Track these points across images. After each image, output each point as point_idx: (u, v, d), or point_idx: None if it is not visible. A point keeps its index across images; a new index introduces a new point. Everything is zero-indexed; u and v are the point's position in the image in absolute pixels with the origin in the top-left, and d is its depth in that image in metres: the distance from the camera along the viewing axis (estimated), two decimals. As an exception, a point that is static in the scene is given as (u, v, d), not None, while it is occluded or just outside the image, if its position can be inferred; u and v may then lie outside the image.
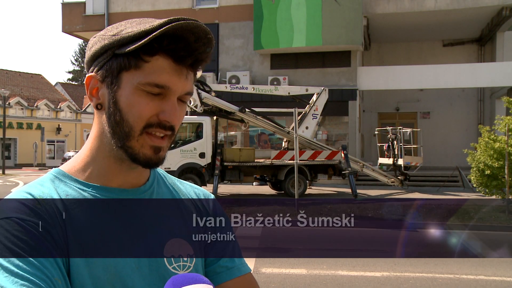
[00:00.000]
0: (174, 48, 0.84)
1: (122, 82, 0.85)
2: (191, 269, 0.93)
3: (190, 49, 0.84)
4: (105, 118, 0.88)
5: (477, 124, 20.71)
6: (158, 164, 0.89)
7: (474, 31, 22.32)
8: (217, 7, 21.19)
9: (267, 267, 6.63)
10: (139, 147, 0.86)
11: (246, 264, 1.03)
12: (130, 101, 0.85)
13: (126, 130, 0.86)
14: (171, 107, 0.86)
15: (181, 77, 0.86)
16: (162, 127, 0.86)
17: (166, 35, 0.82)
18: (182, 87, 0.87)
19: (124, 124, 0.86)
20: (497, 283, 5.95)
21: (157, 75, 0.84)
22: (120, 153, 0.88)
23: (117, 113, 0.86)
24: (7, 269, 0.74)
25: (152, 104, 0.85)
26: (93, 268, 0.82)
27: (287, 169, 14.28)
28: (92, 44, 0.90)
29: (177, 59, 0.85)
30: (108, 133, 0.88)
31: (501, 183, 11.11)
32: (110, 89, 0.86)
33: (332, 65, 20.08)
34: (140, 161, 0.87)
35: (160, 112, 0.85)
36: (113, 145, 0.88)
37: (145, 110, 0.85)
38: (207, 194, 1.06)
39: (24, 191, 0.85)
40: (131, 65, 0.84)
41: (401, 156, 16.57)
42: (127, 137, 0.86)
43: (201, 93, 13.52)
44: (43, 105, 38.85)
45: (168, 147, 0.91)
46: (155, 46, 0.83)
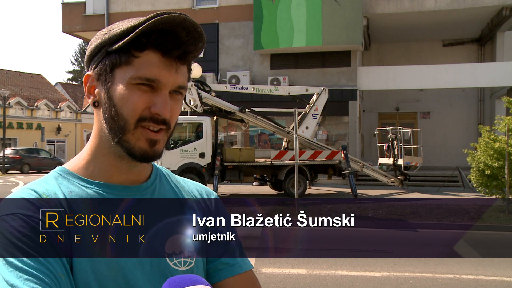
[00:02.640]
0: (162, 42, 0.86)
1: (115, 79, 0.87)
2: (192, 266, 0.94)
3: (178, 42, 0.86)
4: (102, 115, 0.90)
5: (477, 124, 20.73)
6: (154, 158, 0.90)
7: (474, 31, 22.33)
8: (217, 7, 21.19)
9: (267, 267, 6.63)
10: (135, 140, 0.88)
11: (248, 262, 1.03)
12: (123, 96, 0.87)
13: (121, 124, 0.87)
14: (162, 100, 0.87)
15: (171, 70, 0.88)
16: (154, 121, 0.88)
17: (155, 30, 0.84)
18: (173, 80, 0.88)
19: (119, 118, 0.87)
20: (497, 283, 5.95)
21: (147, 69, 0.86)
22: (118, 149, 0.90)
23: (112, 109, 0.88)
24: (12, 264, 0.75)
25: (144, 97, 0.87)
26: (96, 264, 0.83)
27: (287, 169, 14.29)
28: (89, 45, 0.92)
29: (165, 52, 0.87)
30: (106, 129, 0.90)
31: (501, 183, 11.11)
32: (105, 86, 0.89)
33: (332, 65, 20.09)
34: (136, 155, 0.89)
35: (152, 105, 0.87)
36: (110, 141, 0.89)
37: (138, 103, 0.86)
38: (210, 192, 1.07)
39: (29, 188, 0.86)
40: (122, 61, 0.86)
41: (401, 156, 16.57)
42: (123, 131, 0.87)
43: (201, 93, 13.52)
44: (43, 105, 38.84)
45: (166, 142, 0.92)
46: (143, 41, 0.85)
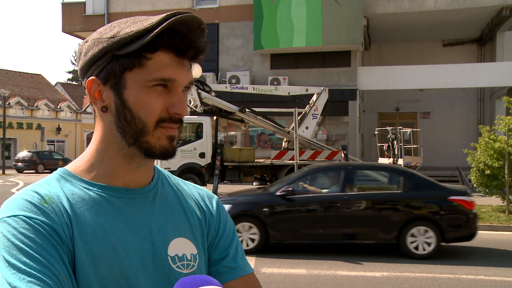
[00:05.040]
0: (174, 42, 0.86)
1: (127, 82, 0.87)
2: (195, 269, 0.94)
3: (188, 41, 0.87)
4: (113, 119, 0.89)
5: (477, 124, 20.73)
6: (173, 154, 0.91)
7: (474, 31, 22.33)
8: (217, 7, 21.20)
9: (267, 267, 6.64)
10: (156, 140, 0.88)
11: (249, 265, 1.04)
12: (139, 99, 0.87)
13: (139, 127, 0.87)
14: (179, 99, 0.88)
15: (184, 69, 0.89)
16: (173, 121, 0.89)
17: (166, 30, 0.84)
18: (186, 78, 0.89)
19: (136, 121, 0.87)
20: (497, 283, 5.95)
21: (162, 70, 0.86)
22: (132, 151, 0.90)
23: (127, 113, 0.87)
24: (15, 266, 0.75)
25: (161, 98, 0.87)
26: (99, 266, 0.83)
27: (287, 169, 14.28)
28: (87, 49, 0.90)
29: (178, 52, 0.87)
30: (118, 133, 0.89)
31: (501, 183, 11.11)
32: (116, 90, 0.88)
33: (332, 65, 20.09)
34: (157, 153, 0.89)
35: (170, 106, 0.88)
36: (124, 144, 0.89)
37: (155, 105, 0.87)
38: (211, 195, 1.08)
39: (31, 189, 0.86)
40: (134, 64, 0.86)
41: (401, 156, 16.57)
42: (142, 133, 0.88)
43: (201, 93, 13.52)
44: (43, 105, 38.83)
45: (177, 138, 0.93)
46: (156, 43, 0.85)
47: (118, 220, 0.89)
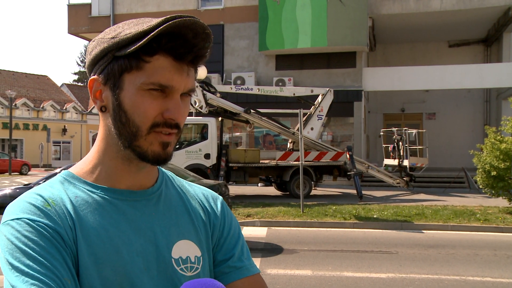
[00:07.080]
0: (173, 46, 0.84)
1: (124, 84, 0.86)
2: (198, 271, 0.93)
3: (189, 46, 0.85)
4: (110, 119, 0.89)
5: (483, 125, 20.62)
6: (167, 160, 0.90)
7: (480, 31, 22.23)
8: (222, 8, 21.22)
9: (272, 268, 6.62)
10: (148, 145, 0.87)
11: (254, 265, 1.03)
12: (134, 102, 0.86)
13: (133, 130, 0.87)
14: (175, 105, 0.87)
15: (182, 74, 0.87)
16: (168, 126, 0.87)
17: (164, 34, 0.83)
18: (185, 84, 0.87)
19: (130, 124, 0.87)
20: (504, 285, 5.91)
21: (159, 74, 0.85)
22: (128, 153, 0.89)
23: (122, 115, 0.87)
24: (18, 269, 0.75)
25: (156, 103, 0.86)
26: (102, 268, 0.83)
27: (292, 170, 14.28)
28: (92, 48, 0.90)
29: (177, 57, 0.86)
30: (115, 134, 0.89)
31: (508, 185, 11.04)
32: (113, 91, 0.88)
33: (337, 66, 20.05)
34: (149, 158, 0.88)
35: (165, 111, 0.86)
36: (120, 145, 0.89)
37: (150, 109, 0.86)
38: (215, 196, 1.07)
39: (34, 192, 0.86)
40: (132, 66, 0.85)
41: (406, 157, 16.53)
42: (135, 137, 0.87)
43: (206, 94, 13.53)
44: (49, 106, 39.04)
45: (175, 144, 0.92)
46: (154, 46, 0.84)
47: (122, 223, 0.88)
